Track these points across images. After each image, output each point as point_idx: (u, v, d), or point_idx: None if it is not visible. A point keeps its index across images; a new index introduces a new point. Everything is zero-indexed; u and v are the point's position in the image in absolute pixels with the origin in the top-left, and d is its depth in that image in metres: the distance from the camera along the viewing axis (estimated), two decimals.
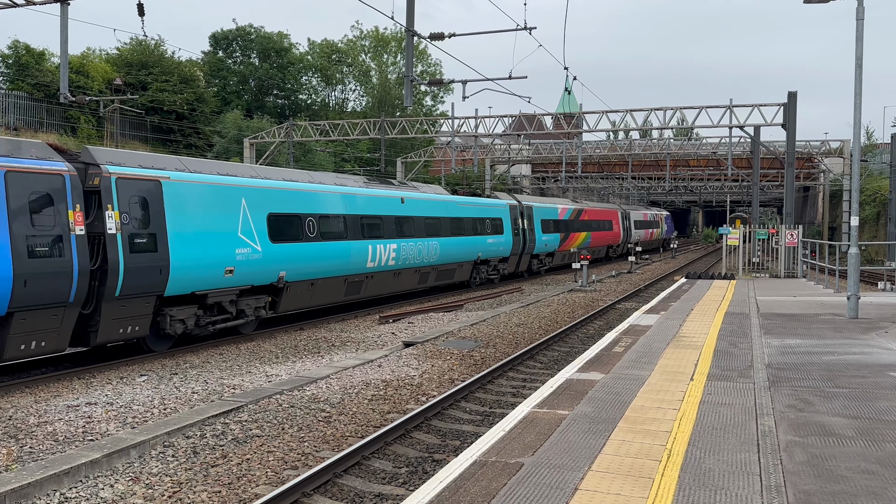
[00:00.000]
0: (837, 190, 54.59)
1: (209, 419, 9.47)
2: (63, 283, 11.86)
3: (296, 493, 7.21)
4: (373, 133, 41.10)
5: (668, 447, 6.21)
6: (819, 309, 15.92)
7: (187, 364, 13.78)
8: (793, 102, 28.73)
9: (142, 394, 11.20)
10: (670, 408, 7.48)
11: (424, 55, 68.29)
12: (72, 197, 12.26)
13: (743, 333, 12.36)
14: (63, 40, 16.91)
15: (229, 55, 61.31)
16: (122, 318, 13.13)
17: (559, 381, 8.75)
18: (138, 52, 48.86)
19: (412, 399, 11.16)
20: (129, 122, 43.80)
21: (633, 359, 10.10)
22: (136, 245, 13.23)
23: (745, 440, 6.37)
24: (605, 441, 6.38)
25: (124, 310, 13.10)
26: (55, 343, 12.03)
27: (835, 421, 6.98)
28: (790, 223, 27.40)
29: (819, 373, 9.16)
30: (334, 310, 21.32)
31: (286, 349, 15.45)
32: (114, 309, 12.90)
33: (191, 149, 47.24)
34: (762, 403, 7.63)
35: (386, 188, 22.46)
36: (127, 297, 13.07)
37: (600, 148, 55.39)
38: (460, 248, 25.90)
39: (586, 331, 18.42)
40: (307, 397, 10.88)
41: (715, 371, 9.26)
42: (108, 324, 12.86)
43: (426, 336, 16.17)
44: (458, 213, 26.17)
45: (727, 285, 22.27)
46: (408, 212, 22.67)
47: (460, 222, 26.16)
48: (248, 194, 15.96)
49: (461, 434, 9.51)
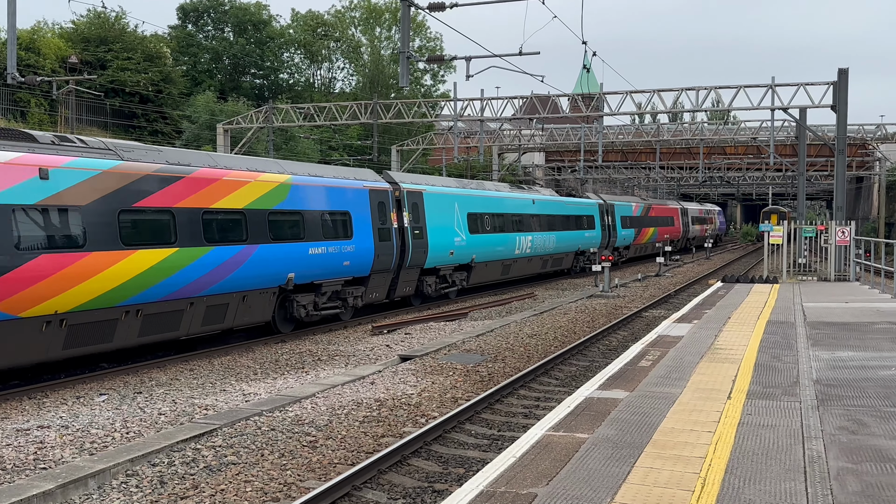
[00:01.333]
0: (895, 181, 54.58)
1: (178, 444, 9.45)
2: (392, 257, 21.75)
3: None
4: (364, 117, 41.13)
5: (703, 475, 6.20)
6: (875, 317, 15.91)
7: (153, 381, 13.80)
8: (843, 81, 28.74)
9: (101, 416, 11.21)
10: (704, 430, 7.47)
11: (423, 28, 68.39)
12: (392, 203, 21.99)
13: (787, 345, 12.35)
14: (10, 13, 16.96)
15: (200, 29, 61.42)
16: (406, 281, 22.94)
17: (577, 399, 8.75)
18: (96, 25, 48.94)
19: (409, 421, 11.16)
20: (86, 105, 43.88)
21: (661, 374, 10.09)
22: (414, 234, 22.87)
23: (790, 467, 6.37)
24: (629, 468, 6.38)
25: (407, 275, 22.86)
26: (383, 294, 22.06)
27: (893, 445, 6.97)
28: (841, 219, 27.41)
29: (875, 390, 9.15)
30: (492, 287, 30.45)
31: (265, 364, 15.47)
32: (404, 275, 22.67)
33: (156, 136, 47.34)
34: (809, 425, 7.62)
35: (521, 192, 32.67)
36: (409, 268, 22.82)
37: (624, 134, 55.44)
38: (568, 240, 35.53)
39: (608, 342, 18.41)
40: (290, 419, 10.88)
41: (755, 388, 9.25)
42: (401, 285, 22.68)
43: (425, 349, 16.17)
44: (566, 211, 35.69)
45: (769, 290, 22.27)
46: (537, 211, 32.26)
47: (568, 219, 35.68)
48: (458, 200, 26.02)
49: (466, 461, 9.51)
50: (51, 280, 12.49)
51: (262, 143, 44.96)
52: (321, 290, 19.12)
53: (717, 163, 61.49)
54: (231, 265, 16.14)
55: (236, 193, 16.43)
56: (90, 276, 13.13)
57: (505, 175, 57.67)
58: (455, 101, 37.90)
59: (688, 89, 34.92)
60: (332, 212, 19.44)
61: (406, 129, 57.11)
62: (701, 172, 55.33)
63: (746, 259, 56.41)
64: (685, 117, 54.36)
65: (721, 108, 37.17)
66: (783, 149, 54.17)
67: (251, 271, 16.70)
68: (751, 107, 33.51)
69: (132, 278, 13.90)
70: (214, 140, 43.63)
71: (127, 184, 14.04)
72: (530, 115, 43.70)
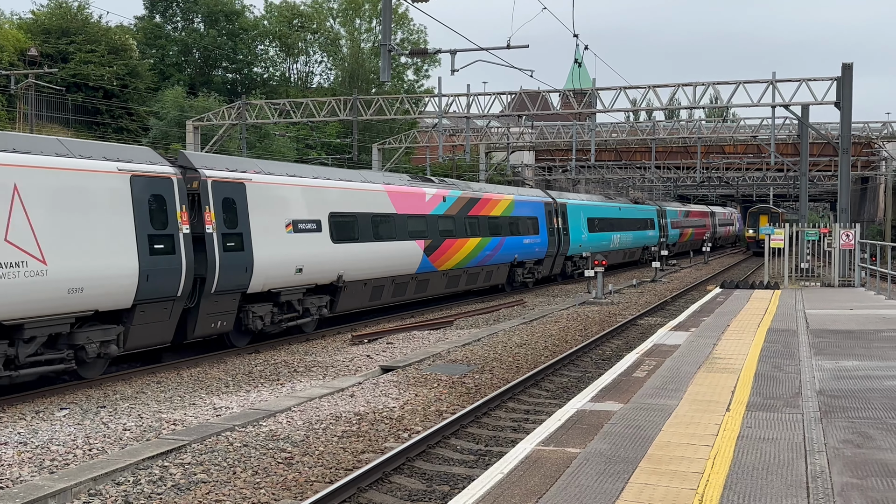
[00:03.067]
0: None
1: (144, 461, 9.42)
2: (556, 247, 35.79)
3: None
4: (343, 114, 41.06)
5: (700, 492, 6.23)
6: (881, 324, 16.04)
7: (117, 395, 13.73)
8: (848, 76, 28.96)
9: (62, 431, 11.14)
10: (702, 444, 7.51)
11: (405, 20, 68.49)
12: (554, 212, 35.67)
13: (789, 354, 12.43)
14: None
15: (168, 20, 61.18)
16: (558, 263, 36.51)
17: (569, 412, 8.77)
18: (58, 16, 48.70)
19: (391, 435, 11.15)
20: (46, 100, 43.63)
21: (657, 385, 10.14)
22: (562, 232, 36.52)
23: (791, 482, 6.41)
24: (623, 485, 6.40)
25: (559, 260, 36.06)
26: (548, 271, 35.22)
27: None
28: (845, 221, 27.61)
29: (881, 401, 9.22)
30: None
31: (238, 376, 15.42)
32: (558, 259, 36.16)
33: (121, 133, 47.13)
34: (812, 438, 7.67)
35: (610, 201, 46.05)
36: (560, 255, 35.97)
37: (618, 131, 55.63)
38: (639, 238, 48.88)
39: (601, 352, 18.46)
40: (264, 434, 10.85)
41: (756, 399, 9.30)
42: (555, 265, 36.14)
43: (408, 359, 16.17)
44: (637, 215, 48.56)
45: (770, 296, 22.41)
46: (622, 215, 45.39)
47: (638, 221, 48.68)
48: (583, 209, 38.90)
49: (451, 478, 9.52)
50: (445, 252, 25.70)
51: (234, 140, 44.82)
52: (525, 265, 32.58)
53: (715, 162, 61.71)
54: (496, 249, 29.27)
55: (496, 207, 29.79)
56: (457, 251, 26.50)
57: (493, 175, 57.77)
58: (440, 97, 37.86)
59: (684, 85, 35.10)
60: (530, 217, 32.51)
61: (388, 126, 57.10)
62: (698, 172, 55.59)
63: (746, 264, 56.75)
64: (682, 115, 54.60)
65: (719, 105, 37.43)
66: (784, 148, 54.50)
67: (502, 252, 29.81)
68: (750, 103, 33.67)
69: (468, 253, 27.26)
70: (184, 138, 43.43)
71: (467, 200, 27.75)
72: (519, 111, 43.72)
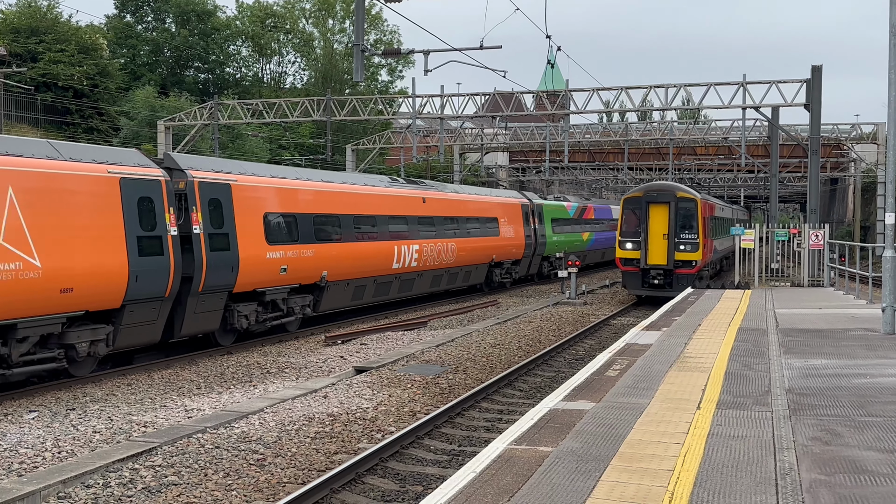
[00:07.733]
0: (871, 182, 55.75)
1: (114, 464, 9.34)
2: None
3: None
4: (317, 115, 40.90)
5: (671, 489, 6.27)
6: (849, 323, 16.22)
7: (87, 397, 13.59)
8: (817, 78, 29.29)
9: (31, 434, 11.02)
10: (673, 442, 7.56)
11: (378, 21, 68.37)
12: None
13: (759, 353, 12.54)
14: None
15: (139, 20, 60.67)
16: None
17: (541, 411, 8.80)
18: (27, 15, 48.13)
19: (365, 436, 11.13)
20: (15, 100, 43.12)
21: (629, 384, 10.19)
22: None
23: (761, 479, 6.46)
24: (595, 483, 6.43)
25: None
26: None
27: (867, 456, 7.12)
28: (815, 222, 27.91)
29: (849, 399, 9.33)
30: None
31: (210, 378, 15.32)
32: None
33: (92, 133, 46.66)
34: (781, 436, 7.75)
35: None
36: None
37: (591, 133, 55.89)
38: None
39: (574, 352, 18.54)
40: (236, 436, 10.79)
41: (726, 398, 9.38)
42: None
43: (382, 360, 16.15)
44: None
45: (741, 296, 22.59)
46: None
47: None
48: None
49: (424, 478, 9.52)
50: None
51: (206, 141, 44.50)
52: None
53: (687, 164, 62.26)
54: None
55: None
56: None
57: (467, 176, 57.84)
58: (413, 98, 37.77)
59: (656, 87, 35.30)
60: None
61: (362, 126, 57.00)
62: (671, 173, 55.94)
63: None
64: (654, 116, 54.97)
65: (691, 107, 37.64)
66: (755, 149, 54.99)
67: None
68: (721, 105, 33.93)
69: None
70: (155, 138, 43.07)
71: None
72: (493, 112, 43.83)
